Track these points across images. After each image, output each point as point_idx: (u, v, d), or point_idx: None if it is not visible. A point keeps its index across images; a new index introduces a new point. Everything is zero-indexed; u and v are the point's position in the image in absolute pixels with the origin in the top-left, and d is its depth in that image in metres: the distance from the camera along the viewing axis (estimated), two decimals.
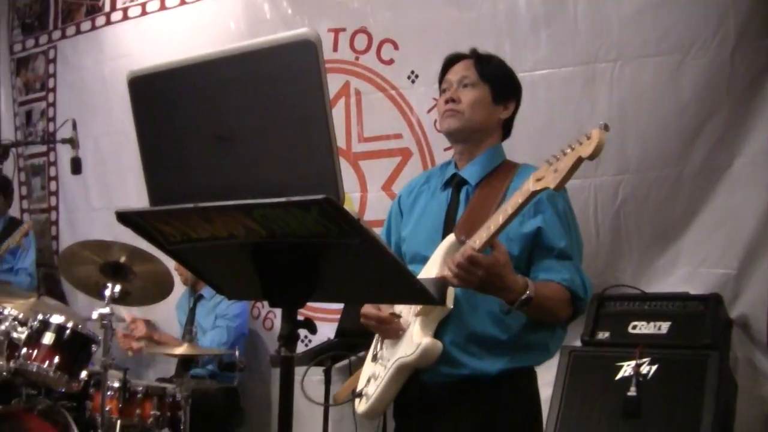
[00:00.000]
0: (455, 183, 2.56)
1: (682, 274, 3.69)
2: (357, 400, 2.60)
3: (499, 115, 2.56)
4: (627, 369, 3.23)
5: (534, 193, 2.13)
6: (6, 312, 4.34)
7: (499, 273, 2.17)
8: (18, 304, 4.65)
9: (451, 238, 2.39)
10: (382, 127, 4.60)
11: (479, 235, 2.21)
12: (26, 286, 5.70)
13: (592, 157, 2.00)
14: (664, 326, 3.36)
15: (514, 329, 2.37)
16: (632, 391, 3.15)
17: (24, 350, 4.22)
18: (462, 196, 2.52)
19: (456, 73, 2.55)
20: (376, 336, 2.63)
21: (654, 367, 3.19)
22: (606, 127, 2.01)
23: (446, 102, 2.52)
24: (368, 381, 2.58)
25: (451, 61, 2.62)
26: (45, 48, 6.54)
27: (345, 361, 4.36)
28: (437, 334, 2.39)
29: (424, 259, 2.48)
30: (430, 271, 2.40)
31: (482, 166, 2.52)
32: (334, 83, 4.61)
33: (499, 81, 2.54)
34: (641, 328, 3.40)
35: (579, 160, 2.03)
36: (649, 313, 3.44)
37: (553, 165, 2.09)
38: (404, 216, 2.69)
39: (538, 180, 2.11)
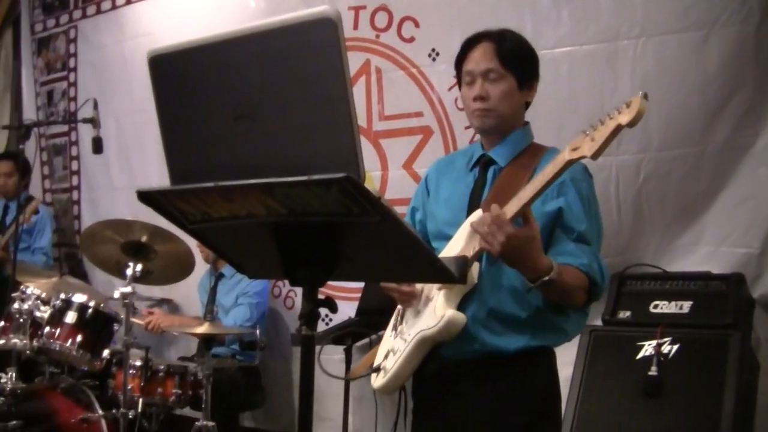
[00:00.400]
0: (483, 163, 2.54)
1: (704, 252, 3.66)
2: (374, 375, 2.59)
3: (526, 98, 2.53)
4: (648, 348, 3.22)
5: (570, 162, 2.11)
6: (29, 291, 4.38)
7: (523, 246, 2.14)
8: (41, 283, 4.70)
9: (478, 212, 2.37)
10: (402, 106, 4.58)
11: (509, 207, 2.19)
12: (42, 265, 5.75)
13: (632, 124, 2.00)
14: (686, 306, 3.34)
15: (534, 308, 2.36)
16: (653, 371, 3.15)
17: (47, 329, 4.27)
18: (489, 175, 2.50)
19: (477, 62, 2.46)
20: (396, 311, 2.63)
21: (675, 347, 3.18)
22: (646, 96, 2.01)
23: (474, 100, 2.46)
24: (386, 355, 2.56)
25: (469, 45, 2.53)
26: (66, 28, 6.55)
27: (365, 340, 4.36)
28: (461, 310, 2.38)
29: (447, 238, 2.47)
30: (453, 249, 2.39)
31: (511, 147, 2.49)
32: (354, 61, 4.60)
33: (522, 66, 2.48)
34: (662, 307, 3.39)
35: (618, 128, 2.02)
36: (670, 292, 3.42)
37: (589, 134, 2.08)
38: (430, 194, 2.68)
39: (574, 149, 2.10)
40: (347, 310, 4.41)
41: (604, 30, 3.82)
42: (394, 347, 2.54)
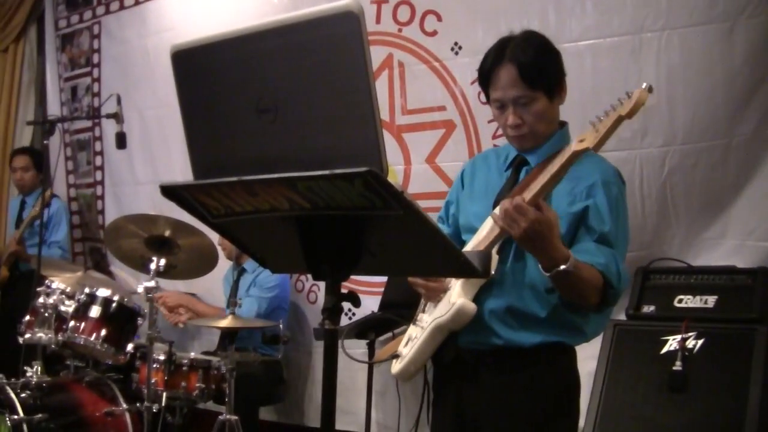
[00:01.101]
0: (516, 164, 2.54)
1: (729, 246, 3.63)
2: (393, 361, 2.63)
3: (558, 105, 2.49)
4: (672, 343, 3.20)
5: (576, 153, 2.12)
6: (54, 286, 4.41)
7: (542, 231, 2.14)
8: (65, 277, 4.74)
9: (503, 204, 2.37)
10: (425, 99, 4.56)
11: (524, 195, 2.20)
12: (59, 258, 5.78)
13: (631, 115, 2.02)
14: (711, 300, 3.32)
15: (553, 307, 2.36)
16: (678, 366, 3.13)
17: (72, 323, 4.31)
18: (522, 175, 2.50)
19: (504, 90, 2.41)
20: (421, 302, 2.65)
21: (700, 342, 3.16)
22: (650, 89, 2.02)
23: (509, 127, 2.44)
24: (407, 342, 2.62)
25: (491, 66, 2.45)
26: (89, 23, 6.58)
27: (388, 334, 4.36)
28: (480, 301, 2.40)
29: (472, 230, 2.49)
30: (475, 239, 2.42)
31: (547, 149, 2.47)
32: (377, 55, 4.59)
33: (549, 80, 2.43)
34: (687, 301, 3.37)
35: (619, 119, 2.04)
36: (695, 286, 3.40)
37: (595, 126, 2.09)
38: (464, 188, 2.69)
39: (581, 141, 2.11)
40: (370, 304, 4.41)
41: (629, 22, 3.78)
42: (413, 335, 2.59)
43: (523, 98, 2.39)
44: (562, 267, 2.17)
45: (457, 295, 2.39)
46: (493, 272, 2.36)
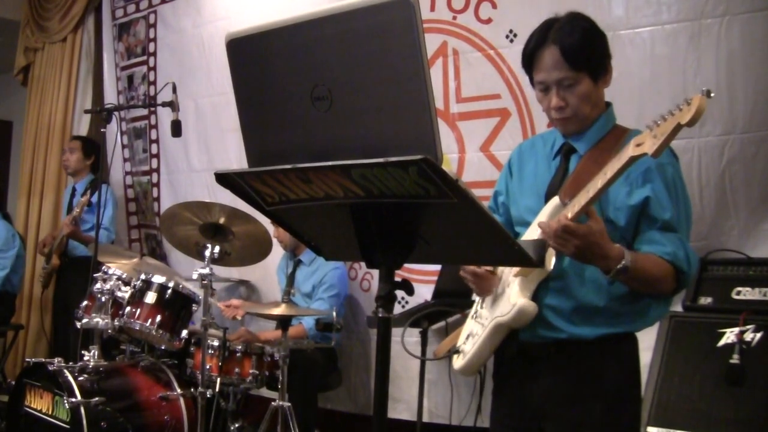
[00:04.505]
0: (565, 151, 2.50)
1: None
2: (455, 356, 2.64)
3: (603, 88, 2.45)
4: (730, 336, 3.14)
5: (633, 159, 2.08)
6: (110, 272, 4.48)
7: (596, 242, 2.14)
8: (122, 264, 4.80)
9: (555, 200, 2.36)
10: (480, 88, 4.54)
11: (578, 199, 2.19)
12: (105, 241, 5.86)
13: (691, 123, 1.95)
14: None
15: (616, 297, 2.34)
16: (735, 359, 3.07)
17: (128, 309, 4.36)
18: (572, 164, 2.46)
19: (548, 71, 2.38)
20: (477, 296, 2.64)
21: (758, 335, 3.10)
22: (708, 93, 1.96)
23: (553, 109, 2.41)
24: (467, 338, 2.60)
25: (533, 48, 2.42)
26: (145, 13, 6.66)
27: (442, 323, 4.36)
28: (539, 298, 2.38)
29: (526, 224, 2.48)
30: (532, 234, 2.39)
31: (593, 133, 2.45)
32: (431, 43, 4.57)
33: (592, 61, 2.39)
34: (745, 294, 3.30)
35: (678, 127, 1.98)
36: (754, 278, 3.33)
37: (653, 131, 2.04)
38: (513, 179, 2.66)
39: (638, 145, 2.07)
40: (423, 292, 4.41)
41: (688, 8, 3.72)
42: (473, 331, 2.58)
43: (567, 80, 2.36)
44: (619, 266, 2.17)
45: (516, 295, 2.37)
46: (551, 268, 2.35)
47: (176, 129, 4.67)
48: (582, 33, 2.38)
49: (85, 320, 4.26)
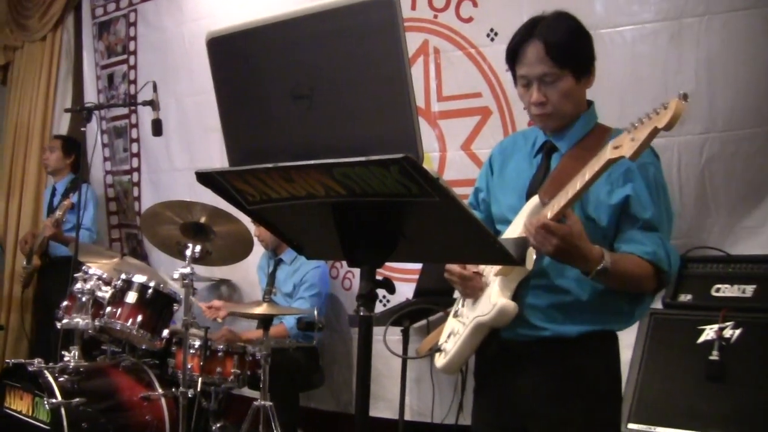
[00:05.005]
0: (546, 150, 2.51)
1: None
2: (437, 355, 2.64)
3: (585, 88, 2.45)
4: (709, 333, 3.16)
5: (610, 161, 2.10)
6: (91, 272, 4.46)
7: (575, 243, 2.15)
8: (102, 263, 4.78)
9: (535, 200, 2.37)
10: (461, 86, 4.54)
11: (557, 200, 2.21)
12: (87, 241, 5.84)
13: (668, 127, 1.98)
14: (749, 289, 3.27)
15: (598, 292, 2.35)
16: (715, 355, 3.09)
17: (108, 309, 4.35)
18: (553, 162, 2.47)
19: (530, 66, 2.38)
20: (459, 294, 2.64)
21: (738, 331, 3.12)
22: (685, 97, 1.98)
23: (533, 104, 2.41)
24: (448, 337, 2.61)
25: (518, 43, 2.43)
26: (126, 11, 6.62)
27: (423, 321, 4.36)
28: (519, 297, 2.39)
29: (507, 222, 2.48)
30: (513, 232, 2.40)
31: (575, 132, 2.45)
32: (412, 42, 4.57)
33: (576, 59, 2.39)
34: (725, 291, 3.32)
35: (655, 131, 2.01)
36: (733, 275, 3.35)
37: (631, 133, 2.06)
38: (494, 176, 2.66)
39: (616, 148, 2.08)
40: (405, 290, 4.41)
41: (669, 7, 3.73)
42: (455, 329, 2.58)
43: (549, 76, 2.36)
44: (599, 267, 2.18)
45: (497, 294, 2.38)
46: (531, 267, 2.35)
47: (157, 128, 4.66)
48: (568, 30, 2.40)
49: (65, 320, 4.24)
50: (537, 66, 2.37)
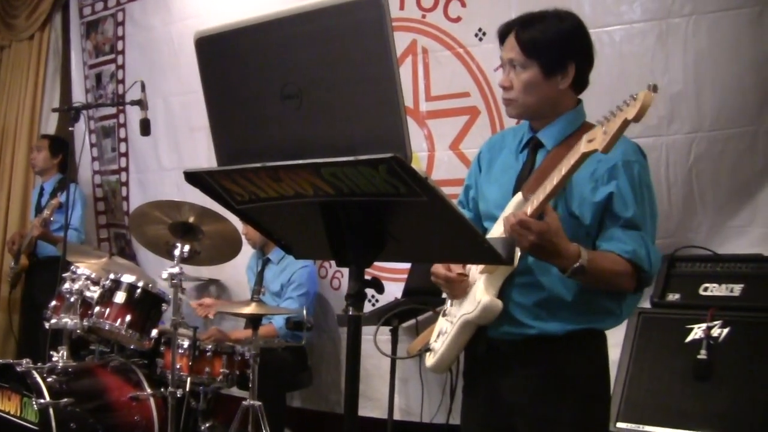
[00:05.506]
0: (532, 146, 2.51)
1: (757, 234, 3.60)
2: (427, 354, 2.65)
3: (557, 86, 2.42)
4: (697, 332, 3.17)
5: (584, 155, 2.11)
6: (79, 271, 4.44)
7: (551, 240, 2.16)
8: (90, 263, 4.77)
9: (518, 196, 2.38)
10: (449, 86, 4.55)
11: (537, 195, 2.22)
12: (75, 241, 5.83)
13: (637, 119, 2.00)
14: (737, 288, 3.29)
15: (580, 291, 2.35)
16: (702, 354, 3.11)
17: (97, 309, 4.34)
18: (538, 159, 2.47)
19: (506, 50, 2.44)
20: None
21: (725, 330, 3.13)
22: (654, 88, 2.01)
23: (500, 86, 2.47)
24: (438, 336, 2.62)
25: (503, 33, 2.48)
26: (114, 11, 6.60)
27: (412, 321, 4.37)
28: (505, 294, 2.39)
29: (494, 219, 2.48)
30: (499, 229, 2.39)
31: (559, 128, 2.45)
32: (401, 41, 4.57)
33: (547, 53, 2.38)
34: (713, 290, 3.34)
35: (625, 122, 2.03)
36: (721, 274, 3.36)
37: (603, 126, 2.08)
38: (482, 173, 2.66)
39: (590, 141, 2.10)
40: (394, 290, 4.42)
41: (656, 7, 3.75)
42: (443, 329, 2.59)
43: (515, 61, 2.40)
44: (575, 265, 2.19)
45: (482, 292, 2.38)
46: (516, 264, 2.36)
47: (145, 127, 4.65)
48: (545, 24, 2.41)
49: (53, 321, 4.23)
50: (509, 51, 2.43)
